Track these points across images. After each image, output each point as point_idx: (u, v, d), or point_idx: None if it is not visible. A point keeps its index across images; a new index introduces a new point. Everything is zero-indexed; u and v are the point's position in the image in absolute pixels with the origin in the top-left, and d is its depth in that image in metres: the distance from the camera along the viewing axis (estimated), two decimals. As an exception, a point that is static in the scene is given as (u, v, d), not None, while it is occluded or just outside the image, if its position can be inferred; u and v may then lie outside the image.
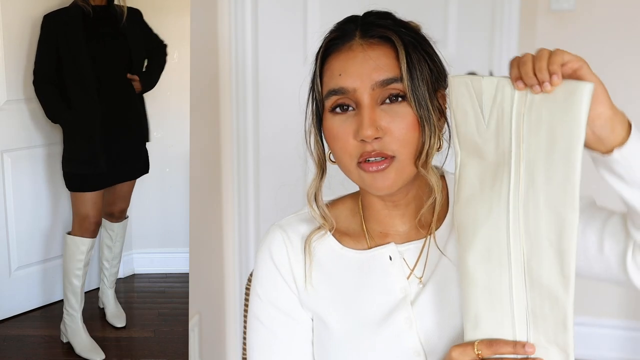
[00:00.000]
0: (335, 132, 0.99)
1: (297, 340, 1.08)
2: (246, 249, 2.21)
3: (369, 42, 0.99)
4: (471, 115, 0.90)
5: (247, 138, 2.16)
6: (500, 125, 0.88)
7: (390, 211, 1.05)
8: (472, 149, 0.91)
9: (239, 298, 2.26)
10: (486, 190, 0.91)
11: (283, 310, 1.08)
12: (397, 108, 0.97)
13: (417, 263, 1.04)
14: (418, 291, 1.03)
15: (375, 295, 1.04)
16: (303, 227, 1.09)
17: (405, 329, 1.02)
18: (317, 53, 1.03)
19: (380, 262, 1.05)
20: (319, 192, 1.06)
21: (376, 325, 1.03)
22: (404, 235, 1.06)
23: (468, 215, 0.92)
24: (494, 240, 0.90)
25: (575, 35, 2.41)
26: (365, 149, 0.96)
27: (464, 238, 0.93)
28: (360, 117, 0.96)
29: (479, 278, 0.91)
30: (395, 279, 1.04)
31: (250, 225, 2.22)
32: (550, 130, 0.84)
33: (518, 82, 0.86)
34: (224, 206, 2.18)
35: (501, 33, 2.38)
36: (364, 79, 0.96)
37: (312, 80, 1.03)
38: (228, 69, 2.10)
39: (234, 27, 2.08)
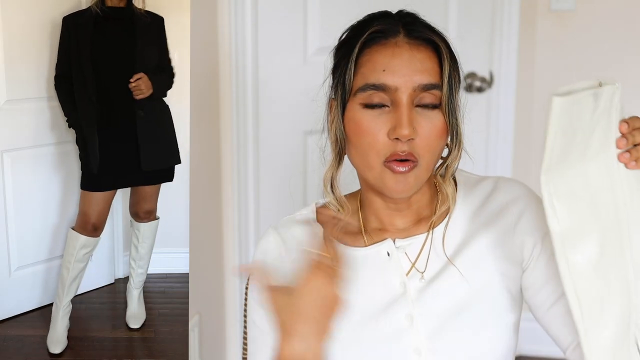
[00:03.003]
0: (364, 127, 0.97)
1: None
2: (246, 249, 2.21)
3: (415, 43, 0.98)
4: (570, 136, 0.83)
5: (247, 138, 2.15)
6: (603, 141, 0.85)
7: (391, 211, 1.05)
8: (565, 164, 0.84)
9: (239, 298, 2.26)
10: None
11: None
12: (430, 113, 0.97)
13: (418, 258, 1.04)
14: (420, 287, 1.03)
15: (374, 292, 1.04)
16: (299, 229, 1.08)
17: (406, 326, 1.02)
18: (347, 42, 1.01)
19: (379, 259, 1.05)
20: (335, 179, 1.04)
21: (375, 322, 1.03)
22: (405, 231, 1.06)
23: None
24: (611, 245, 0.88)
25: (575, 35, 2.41)
26: (397, 148, 0.95)
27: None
28: (398, 116, 0.95)
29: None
30: (393, 275, 1.03)
31: (250, 225, 2.22)
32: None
33: (625, 155, 0.86)
34: (224, 206, 2.17)
35: (501, 33, 2.38)
36: (407, 79, 0.96)
37: (342, 68, 1.00)
38: (228, 69, 2.10)
39: (234, 27, 2.07)
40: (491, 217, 1.05)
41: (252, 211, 2.20)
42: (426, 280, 1.03)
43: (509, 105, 2.45)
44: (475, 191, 1.07)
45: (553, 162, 0.80)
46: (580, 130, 0.82)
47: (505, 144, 2.47)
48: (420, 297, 1.02)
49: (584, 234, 0.83)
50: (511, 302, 1.04)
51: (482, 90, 2.36)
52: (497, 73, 2.39)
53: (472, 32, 2.34)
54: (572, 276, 0.81)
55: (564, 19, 2.42)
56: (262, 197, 2.20)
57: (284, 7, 2.16)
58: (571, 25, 2.42)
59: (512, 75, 2.43)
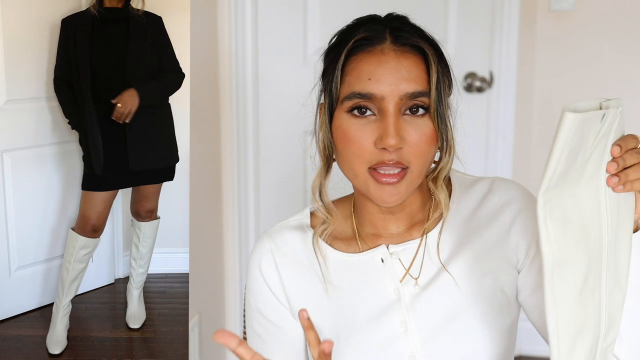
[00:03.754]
0: (351, 135, 0.96)
1: (290, 349, 1.08)
2: (246, 249, 2.21)
3: (402, 50, 0.96)
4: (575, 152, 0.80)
5: (247, 138, 2.15)
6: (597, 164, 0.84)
7: (385, 215, 1.04)
8: (564, 183, 0.82)
9: (239, 298, 2.26)
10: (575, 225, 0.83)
11: (274, 322, 1.08)
12: (418, 120, 0.95)
13: (412, 264, 1.03)
14: (414, 293, 1.02)
15: (368, 298, 1.03)
16: (292, 235, 1.08)
17: (401, 333, 1.01)
18: (334, 48, 1.00)
19: (373, 265, 1.04)
20: (323, 186, 1.03)
21: (369, 329, 1.02)
22: (398, 236, 1.05)
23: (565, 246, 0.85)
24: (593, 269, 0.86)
25: (575, 35, 2.41)
26: (384, 157, 0.94)
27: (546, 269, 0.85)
28: (384, 125, 0.93)
29: None
30: (388, 281, 1.03)
31: (250, 225, 2.22)
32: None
33: (613, 179, 0.83)
34: (224, 206, 2.18)
35: (501, 33, 2.38)
36: (394, 88, 0.94)
37: (329, 75, 0.99)
38: (228, 69, 2.10)
39: (234, 27, 2.08)
40: (486, 220, 1.04)
41: (252, 211, 2.20)
42: (420, 287, 1.02)
43: (509, 105, 2.45)
44: (469, 194, 1.06)
45: (552, 183, 0.76)
46: (582, 151, 0.79)
47: (505, 144, 2.47)
48: (414, 303, 1.02)
49: (573, 260, 0.81)
50: (507, 305, 1.04)
51: (482, 90, 2.36)
52: (497, 73, 2.39)
53: (472, 32, 2.34)
54: (555, 303, 0.79)
55: (563, 19, 2.42)
56: (262, 197, 2.20)
57: (283, 7, 2.16)
58: (571, 25, 2.42)
59: (512, 75, 2.43)
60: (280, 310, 1.08)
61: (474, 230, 1.04)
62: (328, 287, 1.05)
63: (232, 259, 2.23)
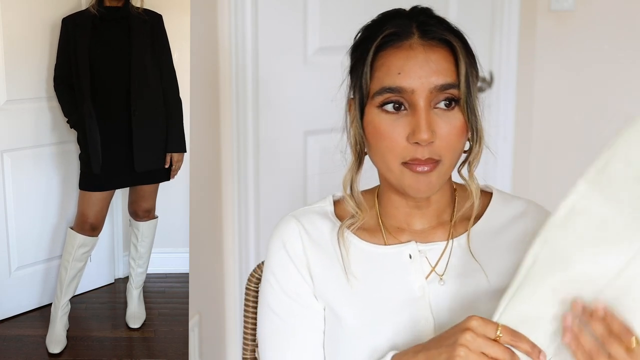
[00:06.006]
0: (383, 130, 0.97)
1: (310, 329, 1.07)
2: (246, 249, 2.21)
3: (430, 44, 0.98)
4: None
5: (247, 138, 2.15)
6: None
7: (411, 210, 1.05)
8: (607, 190, 0.84)
9: (239, 298, 2.26)
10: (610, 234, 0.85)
11: (296, 300, 1.07)
12: (449, 113, 0.97)
13: (438, 262, 1.04)
14: (438, 291, 1.03)
15: (393, 293, 1.04)
16: (322, 221, 1.09)
17: (424, 331, 1.01)
18: (361, 44, 1.01)
19: (400, 260, 1.05)
20: (355, 181, 1.04)
21: (393, 324, 1.03)
22: (422, 233, 1.06)
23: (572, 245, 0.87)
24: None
25: (575, 35, 2.41)
26: (417, 154, 0.95)
27: (559, 264, 0.88)
28: (416, 120, 0.95)
29: None
30: (413, 278, 1.03)
31: (251, 226, 2.22)
32: None
33: (572, 343, 0.87)
34: (224, 206, 2.17)
35: (501, 33, 2.38)
36: (424, 81, 0.95)
37: (358, 71, 1.00)
38: (228, 69, 2.10)
39: (234, 27, 2.07)
40: (516, 242, 1.05)
41: (252, 211, 2.20)
42: (445, 284, 1.03)
43: (509, 105, 2.45)
44: (507, 207, 1.08)
45: (597, 178, 0.78)
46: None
47: (505, 144, 2.47)
48: (438, 301, 1.02)
49: (569, 264, 0.85)
50: None
51: (482, 90, 2.35)
52: (497, 73, 2.39)
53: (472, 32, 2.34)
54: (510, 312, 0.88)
55: (563, 18, 2.42)
56: (262, 197, 2.20)
57: (284, 7, 2.16)
58: (571, 25, 2.42)
59: (512, 75, 2.43)
60: (304, 288, 1.07)
61: (502, 246, 1.05)
62: (350, 278, 1.05)
63: (232, 259, 2.22)
